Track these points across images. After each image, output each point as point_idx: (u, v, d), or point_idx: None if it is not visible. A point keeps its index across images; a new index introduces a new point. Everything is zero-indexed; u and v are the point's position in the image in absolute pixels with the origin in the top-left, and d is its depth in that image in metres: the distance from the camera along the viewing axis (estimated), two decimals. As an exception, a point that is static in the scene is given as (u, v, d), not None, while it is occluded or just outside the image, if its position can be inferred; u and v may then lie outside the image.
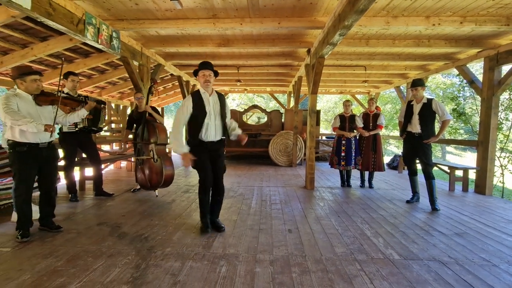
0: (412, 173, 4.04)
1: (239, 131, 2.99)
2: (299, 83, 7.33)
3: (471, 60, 5.28)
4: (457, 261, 2.32)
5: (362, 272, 2.12)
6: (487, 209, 3.89)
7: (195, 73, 2.84)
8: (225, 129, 2.89)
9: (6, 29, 3.86)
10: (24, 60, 4.58)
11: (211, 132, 2.79)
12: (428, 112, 3.75)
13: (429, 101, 3.78)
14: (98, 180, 4.14)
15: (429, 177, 3.77)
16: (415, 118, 3.84)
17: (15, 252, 2.35)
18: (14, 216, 2.82)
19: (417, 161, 4.06)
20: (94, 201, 3.96)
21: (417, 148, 3.84)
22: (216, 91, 2.94)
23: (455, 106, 9.36)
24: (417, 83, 3.82)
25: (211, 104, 2.80)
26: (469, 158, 20.30)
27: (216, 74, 2.89)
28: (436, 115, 3.76)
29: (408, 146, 3.98)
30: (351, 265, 2.21)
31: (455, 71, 6.29)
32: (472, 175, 5.34)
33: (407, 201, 4.11)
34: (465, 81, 6.76)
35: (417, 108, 3.84)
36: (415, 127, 3.84)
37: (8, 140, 2.52)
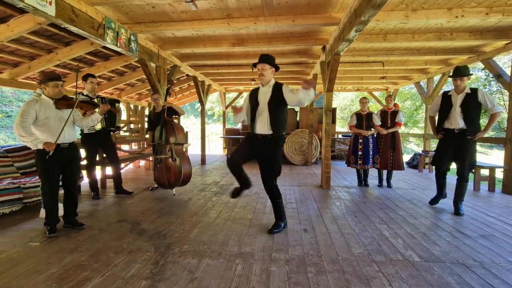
0: (443, 175, 3.60)
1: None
2: (314, 81, 7.23)
3: (498, 52, 4.99)
4: (483, 265, 2.21)
5: (380, 273, 2.07)
6: (516, 210, 3.68)
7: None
8: (276, 124, 2.64)
9: (33, 36, 4.07)
10: (50, 65, 4.82)
11: (257, 123, 2.70)
12: (473, 104, 3.24)
13: (474, 91, 3.29)
14: (117, 179, 4.30)
15: (465, 180, 3.37)
16: (456, 112, 3.32)
17: (44, 247, 2.49)
18: (42, 212, 2.98)
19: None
20: (115, 199, 4.11)
21: (459, 147, 3.32)
22: (277, 82, 2.74)
23: (481, 102, 8.92)
24: (463, 72, 3.26)
25: (261, 94, 2.71)
26: (495, 157, 19.24)
27: (275, 67, 2.72)
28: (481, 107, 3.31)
29: (446, 145, 3.45)
30: (369, 266, 2.17)
31: (480, 65, 5.99)
32: (499, 174, 5.06)
33: (431, 203, 3.79)
34: (491, 75, 6.41)
35: (458, 99, 3.32)
36: (455, 122, 3.32)
37: None
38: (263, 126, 2.69)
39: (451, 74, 3.40)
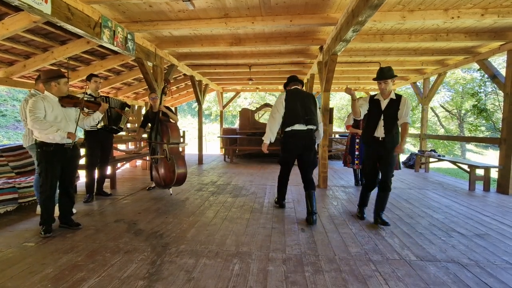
0: (371, 188, 3.21)
1: None
2: (311, 81, 7.25)
3: (493, 53, 5.04)
4: (478, 263, 2.24)
5: (377, 272, 2.08)
6: (511, 210, 3.71)
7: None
8: None
9: (28, 34, 4.03)
10: (45, 64, 4.78)
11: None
12: (395, 111, 2.93)
13: (398, 98, 2.96)
14: (101, 180, 4.21)
15: (388, 189, 3.02)
16: (382, 118, 3.01)
17: (39, 247, 2.46)
18: (39, 209, 2.95)
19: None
20: (111, 198, 4.08)
21: (382, 156, 2.99)
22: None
23: (476, 102, 8.99)
24: (386, 74, 2.91)
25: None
26: (491, 157, 19.46)
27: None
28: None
29: (373, 153, 3.07)
30: (366, 265, 2.18)
31: (475, 66, 6.04)
32: (494, 174, 5.12)
33: (361, 218, 3.29)
34: (486, 75, 6.47)
35: (383, 105, 3.00)
36: (380, 129, 2.98)
37: (36, 139, 2.66)
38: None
39: (375, 77, 3.03)
